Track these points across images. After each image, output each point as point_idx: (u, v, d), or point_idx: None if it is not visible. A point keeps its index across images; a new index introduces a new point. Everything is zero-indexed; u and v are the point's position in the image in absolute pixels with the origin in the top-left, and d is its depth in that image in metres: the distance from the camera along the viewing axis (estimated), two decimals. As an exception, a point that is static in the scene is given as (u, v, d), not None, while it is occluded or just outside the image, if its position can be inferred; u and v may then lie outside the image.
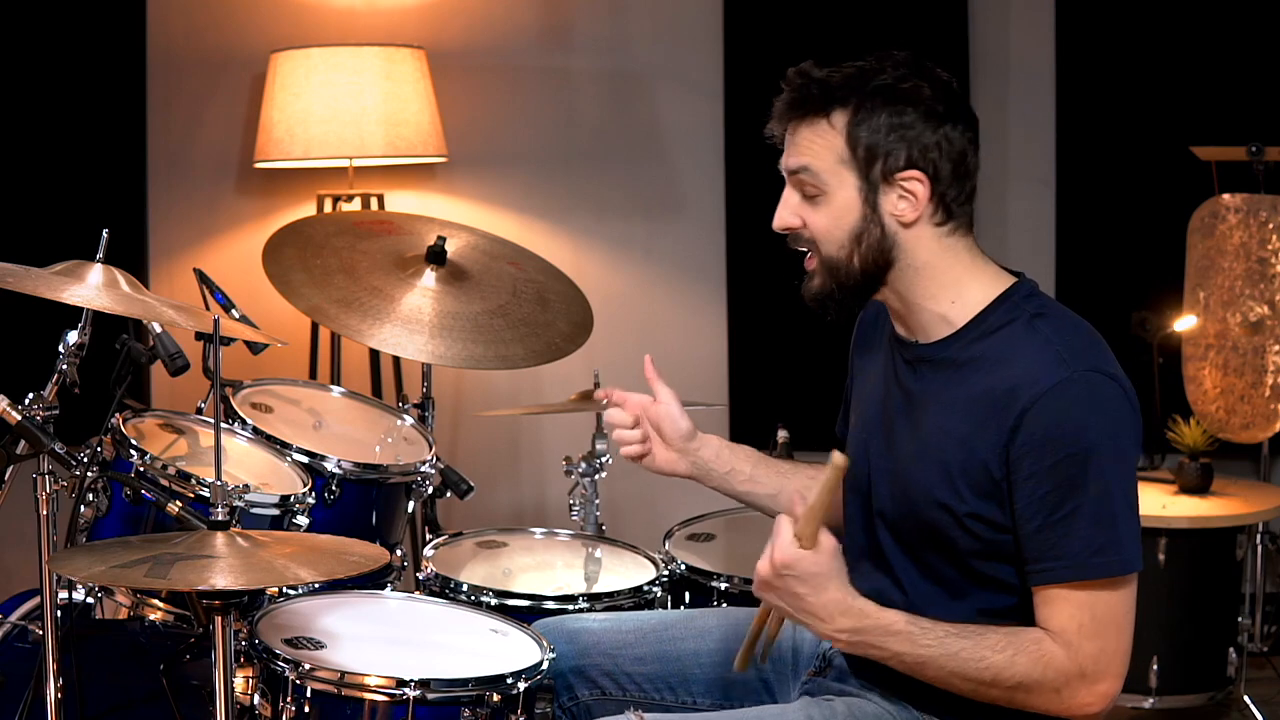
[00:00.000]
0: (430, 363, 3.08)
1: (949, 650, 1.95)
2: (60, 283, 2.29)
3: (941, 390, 2.04)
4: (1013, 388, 1.95)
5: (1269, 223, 3.82)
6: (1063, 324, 2.02)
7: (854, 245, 2.03)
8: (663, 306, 4.45)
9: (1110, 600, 1.95)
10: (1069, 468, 1.92)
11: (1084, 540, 1.92)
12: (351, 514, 2.74)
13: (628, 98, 4.41)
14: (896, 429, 2.11)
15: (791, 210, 2.08)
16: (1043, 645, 1.95)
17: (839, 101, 2.01)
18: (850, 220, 2.03)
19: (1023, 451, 1.94)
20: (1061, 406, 1.92)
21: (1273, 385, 3.83)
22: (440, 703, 2.15)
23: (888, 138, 1.99)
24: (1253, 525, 3.73)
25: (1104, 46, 4.28)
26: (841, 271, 2.05)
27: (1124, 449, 1.95)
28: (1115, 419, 1.95)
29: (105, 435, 2.44)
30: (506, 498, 4.47)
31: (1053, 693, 1.95)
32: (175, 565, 1.95)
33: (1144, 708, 3.66)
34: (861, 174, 2.01)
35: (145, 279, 4.22)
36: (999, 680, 1.95)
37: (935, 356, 2.06)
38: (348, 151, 3.92)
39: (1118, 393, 1.96)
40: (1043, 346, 1.97)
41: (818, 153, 2.03)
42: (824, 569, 1.97)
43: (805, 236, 2.08)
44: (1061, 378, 1.93)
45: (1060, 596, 1.94)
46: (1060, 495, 1.92)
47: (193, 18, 4.30)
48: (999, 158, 4.38)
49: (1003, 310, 2.03)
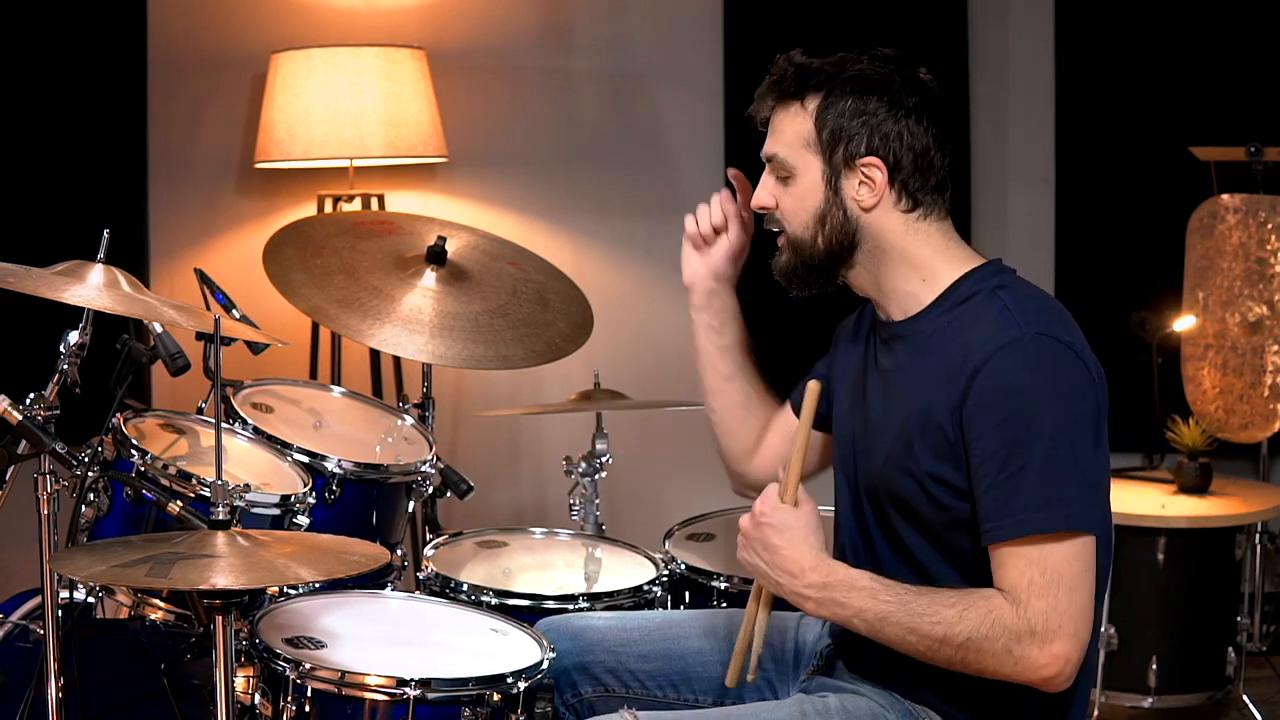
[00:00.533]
0: (430, 363, 3.08)
1: (906, 607, 1.99)
2: (61, 283, 2.29)
3: (909, 362, 2.11)
4: (966, 352, 2.01)
5: (1268, 223, 3.83)
6: (1023, 293, 2.08)
7: (818, 226, 2.13)
8: (663, 306, 4.45)
9: (1060, 558, 1.95)
10: (1015, 425, 1.96)
11: (1029, 496, 1.95)
12: (352, 514, 2.74)
13: (628, 98, 4.42)
14: (871, 406, 2.17)
15: (767, 191, 2.19)
16: (992, 601, 1.96)
17: (813, 87, 2.11)
18: (814, 202, 2.12)
19: (974, 411, 1.99)
20: (1009, 366, 1.98)
21: (1271, 385, 3.83)
22: (440, 702, 2.15)
23: (851, 123, 2.08)
24: (1252, 525, 3.73)
25: (1103, 46, 4.29)
26: (806, 250, 2.15)
27: (1075, 413, 1.98)
28: (1065, 381, 1.98)
29: (106, 435, 2.44)
30: (506, 498, 4.47)
31: (1004, 653, 1.95)
32: (176, 565, 1.96)
33: (1143, 707, 3.66)
34: (825, 157, 2.10)
35: (146, 279, 4.22)
36: (949, 637, 1.96)
37: (906, 332, 2.13)
38: (348, 152, 3.92)
39: (1070, 358, 1.99)
40: (1000, 312, 2.03)
41: (788, 137, 2.12)
42: (800, 522, 2.06)
43: (775, 216, 2.18)
44: (1011, 338, 1.99)
45: (1010, 554, 1.96)
46: (1008, 453, 1.96)
47: (193, 18, 4.30)
48: (999, 158, 4.38)
49: (968, 284, 2.10)
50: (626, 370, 4.03)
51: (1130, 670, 3.64)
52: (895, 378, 2.13)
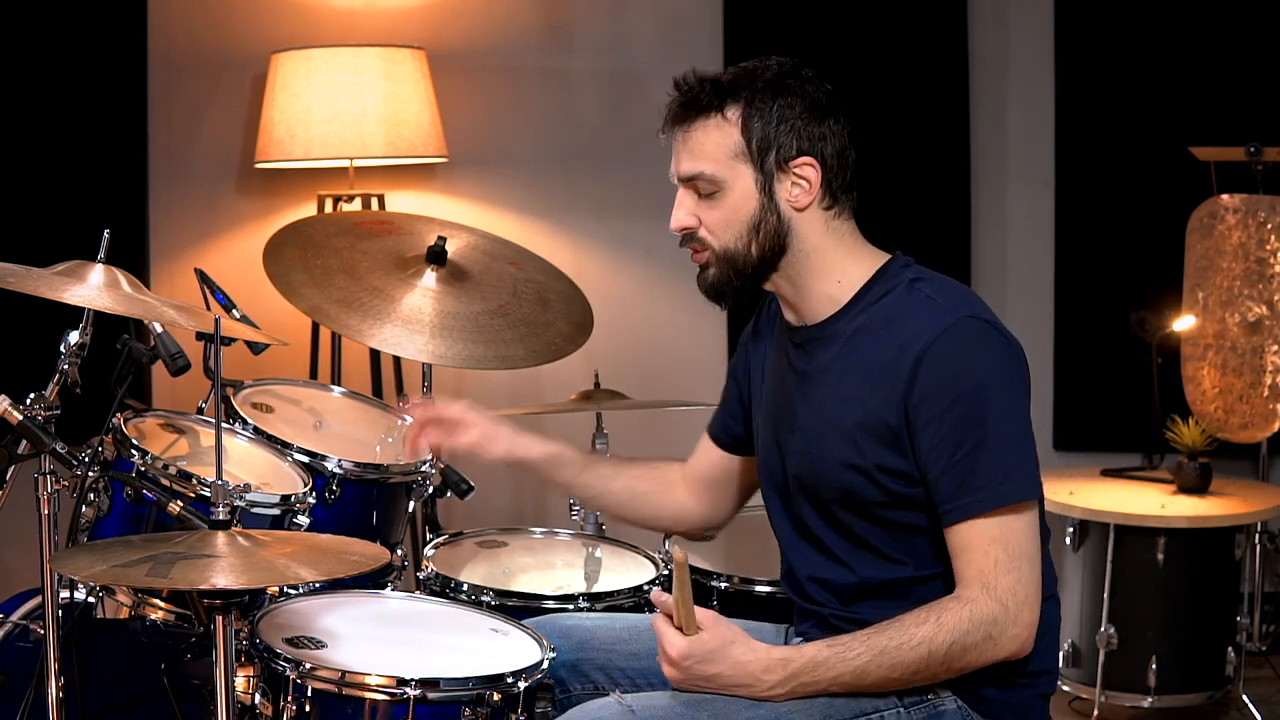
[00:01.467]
0: (430, 363, 3.08)
1: (877, 648, 2.01)
2: (61, 283, 2.29)
3: (833, 363, 2.14)
4: (901, 344, 2.06)
5: (1267, 223, 3.83)
6: (939, 281, 2.14)
7: (752, 235, 2.14)
8: (663, 306, 4.45)
9: (1018, 530, 2.02)
10: (965, 406, 2.01)
11: (987, 472, 2.00)
12: (352, 514, 2.74)
13: (628, 98, 4.42)
14: (796, 410, 2.19)
15: (688, 211, 2.17)
16: (961, 597, 2.01)
17: (730, 96, 2.11)
18: (748, 211, 2.13)
19: (920, 399, 2.03)
20: (949, 351, 2.03)
21: (1271, 385, 3.83)
22: (441, 702, 2.15)
23: (779, 128, 2.11)
24: (1251, 525, 3.74)
25: (1103, 46, 4.29)
26: (739, 260, 2.15)
27: (1014, 383, 2.05)
28: (1001, 356, 2.06)
29: (106, 435, 2.44)
30: (506, 498, 4.47)
31: (985, 641, 2.00)
32: (176, 564, 1.96)
33: (1143, 707, 3.66)
34: (756, 164, 2.11)
35: (146, 279, 4.23)
36: (933, 652, 1.99)
37: (823, 334, 2.16)
38: (348, 152, 3.92)
39: (997, 335, 2.06)
40: (924, 302, 2.09)
41: (711, 152, 2.12)
42: (718, 640, 2.04)
43: (699, 234, 2.16)
44: (946, 325, 2.04)
45: (973, 533, 2.01)
46: (960, 433, 2.01)
47: (193, 18, 4.30)
48: (999, 158, 4.38)
49: (883, 281, 2.14)
50: (626, 370, 4.03)
51: (1130, 670, 3.64)
52: (819, 380, 2.16)
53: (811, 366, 2.17)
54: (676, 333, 4.45)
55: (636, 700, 2.07)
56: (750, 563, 2.90)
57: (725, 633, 2.05)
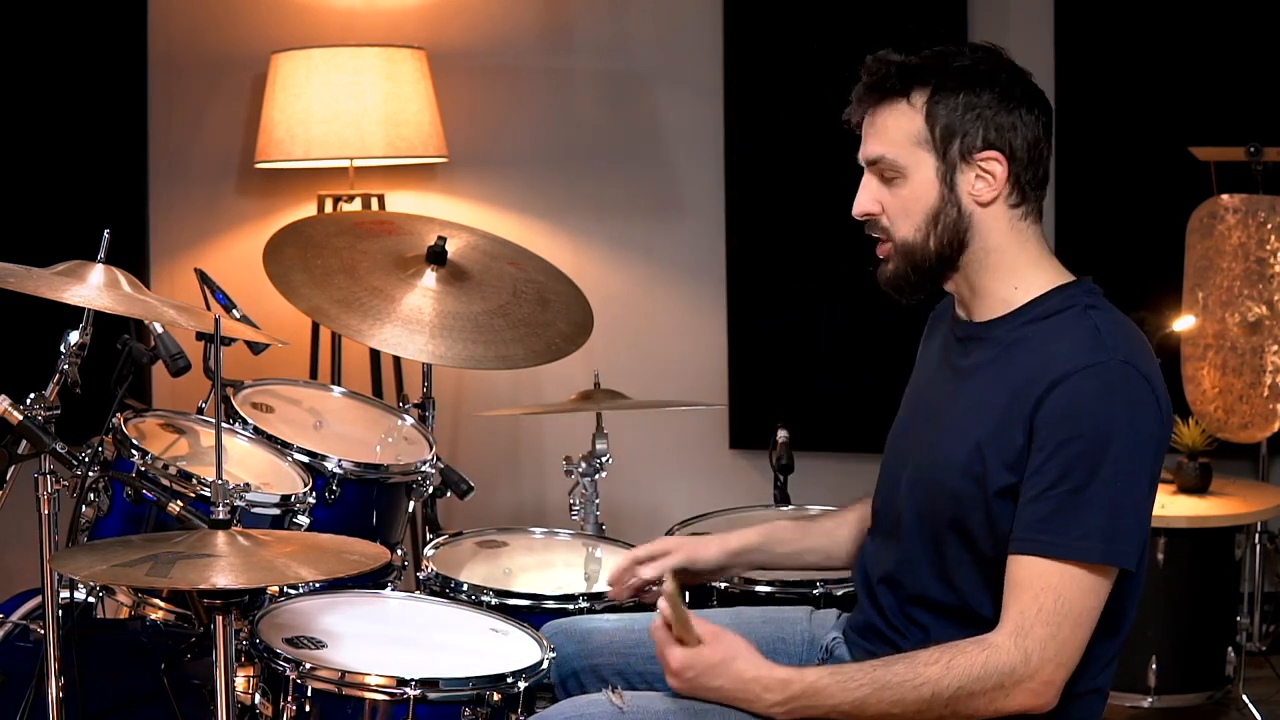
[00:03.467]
0: (430, 363, 3.08)
1: (879, 682, 1.95)
2: (61, 283, 2.29)
3: (986, 366, 2.06)
4: (1049, 363, 1.97)
5: (1267, 223, 3.82)
6: (1114, 317, 2.05)
7: (930, 227, 2.05)
8: (663, 306, 4.45)
9: (1079, 590, 1.92)
10: (1081, 445, 1.91)
11: (1076, 519, 1.91)
12: (352, 514, 2.75)
13: (628, 98, 4.42)
14: (942, 404, 2.12)
15: (871, 196, 2.08)
16: (983, 641, 1.93)
17: (918, 82, 2.03)
18: (928, 201, 2.04)
19: (1043, 422, 1.94)
20: (1089, 388, 1.93)
21: (1271, 385, 3.83)
22: (441, 702, 2.15)
23: (964, 117, 2.02)
24: (1251, 525, 3.73)
25: (1103, 46, 4.29)
26: (917, 254, 2.06)
27: (1143, 448, 1.94)
28: (1140, 414, 1.95)
29: (106, 435, 2.45)
30: (506, 498, 4.47)
31: (998, 690, 1.92)
32: (176, 564, 1.96)
33: (1143, 707, 3.66)
34: (939, 153, 2.03)
35: (146, 279, 4.23)
36: (938, 694, 1.93)
37: (985, 334, 2.08)
38: (348, 152, 3.92)
39: (1148, 392, 1.96)
40: (1090, 333, 1.99)
41: (895, 136, 2.04)
42: (719, 654, 2.01)
43: (882, 223, 2.08)
44: (1098, 360, 1.95)
45: (1033, 571, 1.92)
46: (1065, 469, 1.92)
47: (194, 19, 4.31)
48: (998, 158, 4.37)
49: (1060, 298, 2.06)
50: (626, 370, 4.03)
51: (1130, 670, 3.64)
52: (969, 378, 2.09)
53: (967, 364, 2.10)
54: (676, 333, 4.45)
55: (632, 699, 2.06)
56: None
57: (728, 648, 2.02)
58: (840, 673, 1.97)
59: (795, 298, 4.30)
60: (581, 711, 2.04)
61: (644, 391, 3.66)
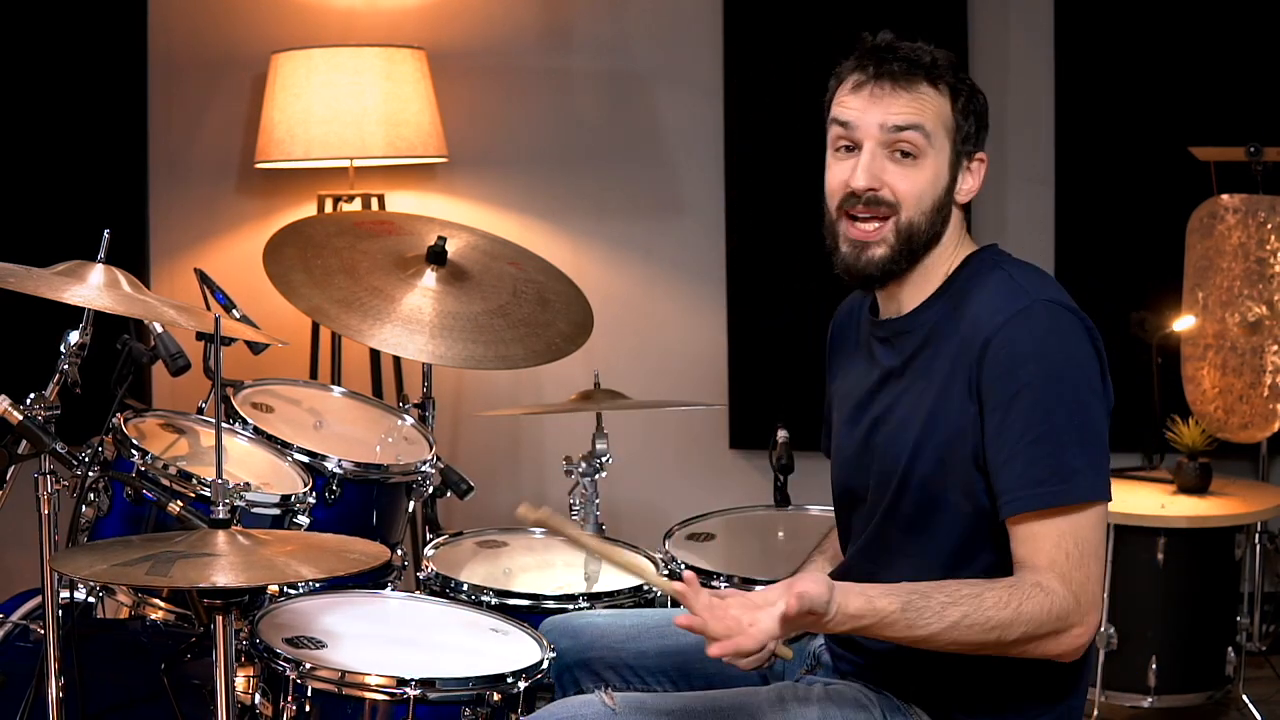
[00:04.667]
0: (430, 363, 3.08)
1: (949, 620, 1.91)
2: (61, 283, 2.29)
3: (918, 354, 2.07)
4: (976, 325, 1.99)
5: (1267, 223, 3.82)
6: (1023, 266, 2.09)
7: (933, 213, 2.07)
8: (663, 306, 4.45)
9: (1089, 525, 1.94)
10: (1033, 394, 1.93)
11: (1057, 464, 1.92)
12: (352, 514, 2.75)
13: (628, 98, 4.42)
14: (886, 407, 2.11)
15: (879, 168, 2.06)
16: (1043, 586, 1.91)
17: (944, 76, 2.08)
18: (939, 187, 2.07)
19: (988, 382, 1.96)
20: (1022, 334, 1.96)
21: (1271, 385, 3.83)
22: (440, 702, 2.16)
23: (971, 120, 2.08)
24: (1251, 525, 3.73)
25: (1103, 46, 4.29)
26: (916, 239, 2.07)
27: (1089, 379, 1.97)
28: (1078, 347, 1.97)
29: (106, 435, 2.45)
30: (506, 498, 4.46)
31: (1053, 636, 1.93)
32: (176, 563, 1.96)
33: (1143, 707, 3.66)
34: (955, 146, 2.07)
35: (146, 279, 4.23)
36: (1004, 638, 1.91)
37: (909, 326, 2.10)
38: (348, 152, 3.92)
39: (1078, 323, 1.98)
40: (1004, 281, 2.03)
41: (931, 114, 2.06)
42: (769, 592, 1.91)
43: (887, 199, 2.06)
44: (1021, 306, 1.97)
45: (1042, 525, 1.93)
46: (1028, 420, 1.93)
47: (194, 19, 4.31)
48: (999, 158, 4.37)
49: (969, 267, 2.09)
50: (626, 370, 4.03)
51: (1130, 670, 3.64)
52: (905, 373, 2.09)
53: (897, 361, 2.10)
54: (676, 333, 4.45)
55: (624, 700, 2.06)
56: (750, 563, 2.90)
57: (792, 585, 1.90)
58: (911, 608, 1.91)
59: (795, 298, 4.29)
60: (574, 712, 2.04)
61: (644, 391, 3.66)
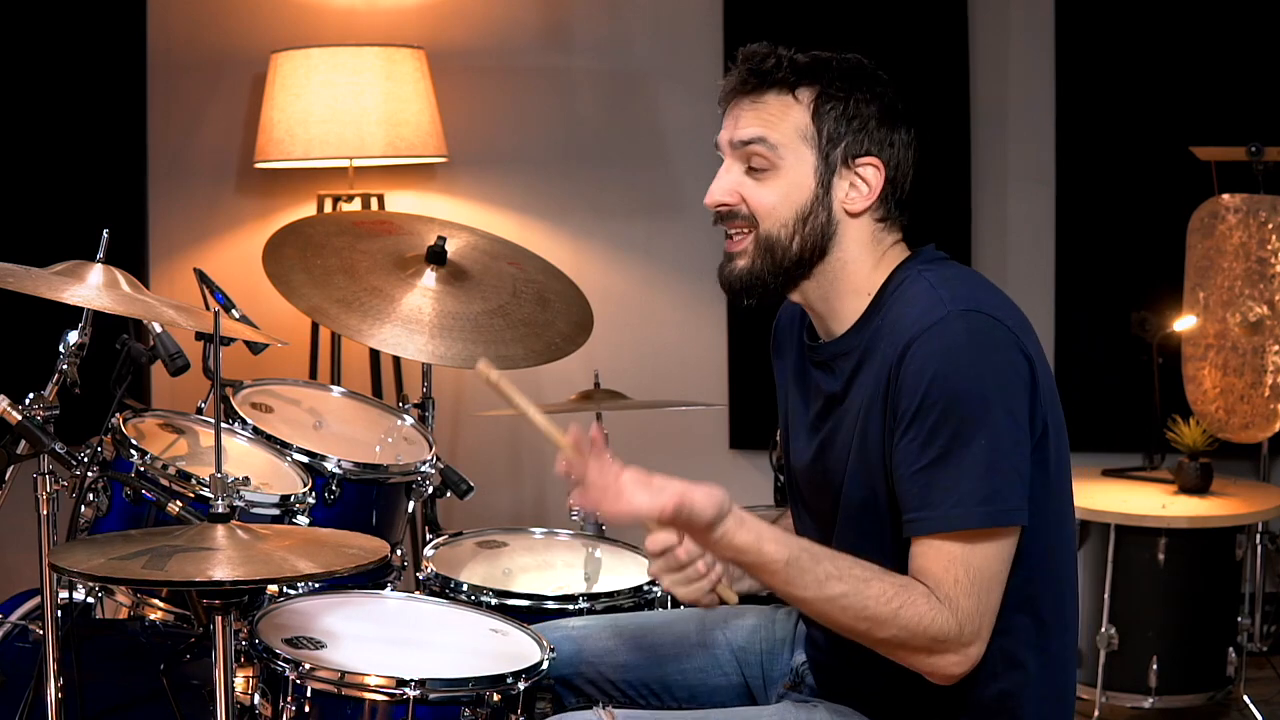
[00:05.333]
0: (430, 363, 3.08)
1: (825, 595, 1.86)
2: (61, 283, 2.29)
3: (852, 378, 2.00)
4: (896, 339, 1.91)
5: (1268, 223, 3.82)
6: (949, 271, 1.99)
7: (798, 226, 1.99)
8: (663, 306, 4.45)
9: (987, 554, 1.86)
10: (940, 410, 1.85)
11: (957, 488, 1.84)
12: (352, 514, 2.74)
13: (628, 98, 4.42)
14: (827, 436, 2.05)
15: (730, 185, 2.03)
16: (931, 602, 1.85)
17: (807, 77, 2.00)
18: (800, 199, 1.99)
19: (896, 397, 1.89)
20: (934, 349, 1.86)
21: (1272, 385, 3.83)
22: (440, 702, 2.15)
23: (850, 124, 1.98)
24: (1252, 525, 3.73)
25: (1104, 46, 4.29)
26: (778, 252, 2.00)
27: (1006, 396, 1.87)
28: (994, 360, 1.88)
29: (105, 435, 2.44)
30: (506, 498, 4.47)
31: (925, 653, 1.87)
32: (174, 557, 1.95)
33: (1144, 707, 3.66)
34: (821, 153, 1.99)
35: (145, 279, 4.22)
36: (872, 631, 1.86)
37: (843, 349, 2.03)
38: (348, 151, 3.92)
39: (1001, 332, 1.89)
40: (924, 292, 1.94)
41: (779, 125, 1.99)
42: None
43: (743, 213, 2.03)
44: (936, 319, 1.88)
45: (936, 549, 1.86)
46: (930, 438, 1.85)
47: (193, 18, 4.30)
48: (999, 158, 4.38)
49: (898, 278, 2.00)
50: (626, 370, 4.03)
51: (1131, 670, 3.64)
52: (845, 399, 2.01)
53: (836, 386, 2.03)
54: (676, 333, 4.45)
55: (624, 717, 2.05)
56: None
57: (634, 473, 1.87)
58: (793, 567, 1.85)
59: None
60: None
61: (644, 391, 3.66)
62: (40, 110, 4.06)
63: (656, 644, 2.34)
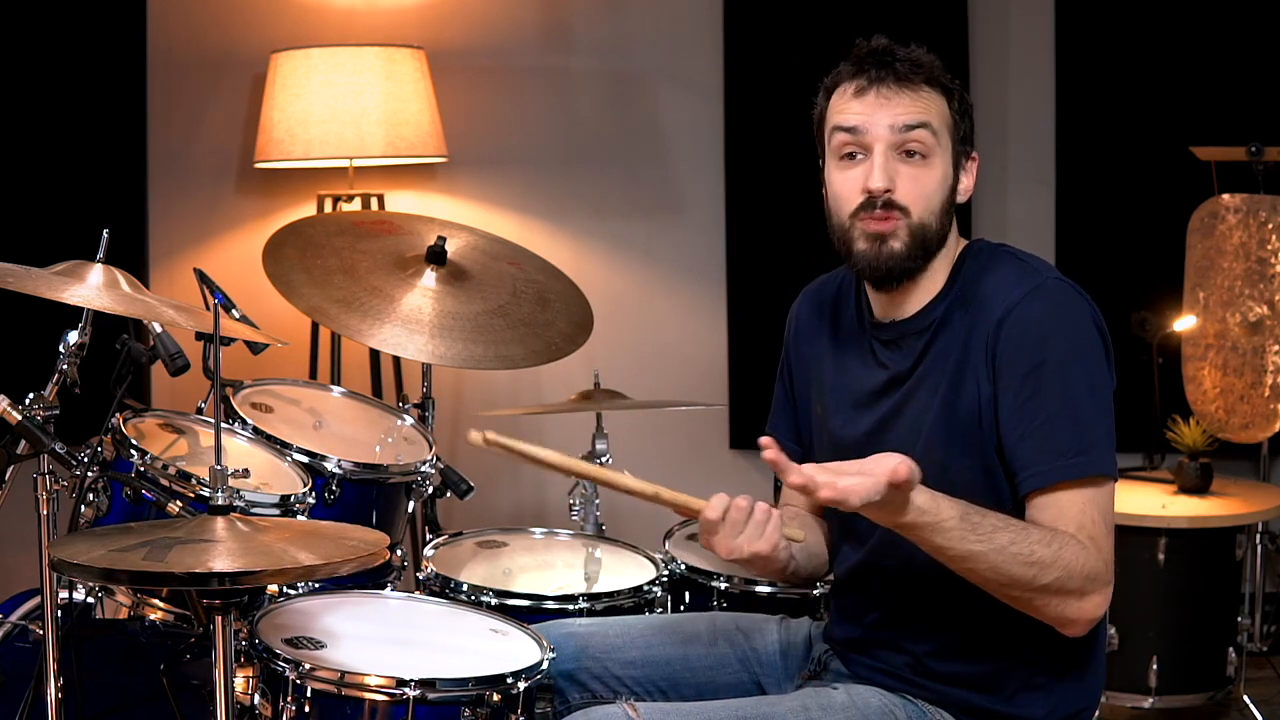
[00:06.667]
0: (430, 363, 3.08)
1: (996, 544, 1.91)
2: (61, 283, 2.29)
3: (927, 354, 2.09)
4: (987, 306, 2.04)
5: (1268, 223, 3.82)
6: (1022, 251, 2.14)
7: (943, 213, 2.11)
8: (663, 306, 4.45)
9: (1109, 498, 1.99)
10: (1047, 371, 1.97)
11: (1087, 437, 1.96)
12: (352, 514, 2.74)
13: (628, 98, 4.42)
14: (887, 409, 2.12)
15: (893, 170, 2.09)
16: (1079, 543, 1.93)
17: (940, 77, 2.12)
18: (945, 188, 2.11)
19: (1003, 361, 2.00)
20: (1033, 312, 2.00)
21: (1272, 385, 3.83)
22: (440, 703, 2.15)
23: (968, 121, 2.14)
24: (1252, 525, 3.73)
25: (1104, 46, 4.29)
26: (929, 238, 2.10)
27: (1101, 357, 2.02)
28: (1088, 324, 2.02)
29: (106, 435, 2.44)
30: (506, 498, 4.47)
31: (1078, 595, 1.94)
32: (174, 549, 1.94)
33: (1144, 707, 3.66)
34: (955, 145, 2.11)
35: (145, 279, 4.22)
36: (1038, 577, 1.91)
37: (918, 327, 2.12)
38: (348, 151, 3.92)
39: (1084, 301, 2.05)
40: (1011, 263, 2.09)
41: (936, 115, 2.10)
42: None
43: (900, 202, 2.09)
44: (1034, 284, 2.03)
45: (1070, 496, 1.96)
46: (1041, 398, 1.97)
47: (193, 18, 4.30)
48: (999, 158, 4.38)
49: (972, 260, 2.13)
50: (626, 370, 4.03)
51: (1131, 670, 3.64)
52: (916, 374, 2.10)
53: (906, 363, 2.12)
54: (676, 333, 4.45)
55: (647, 710, 2.06)
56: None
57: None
58: (967, 521, 1.90)
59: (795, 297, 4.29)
60: None
61: (644, 391, 3.66)
62: (40, 110, 4.06)
63: (666, 643, 2.35)
